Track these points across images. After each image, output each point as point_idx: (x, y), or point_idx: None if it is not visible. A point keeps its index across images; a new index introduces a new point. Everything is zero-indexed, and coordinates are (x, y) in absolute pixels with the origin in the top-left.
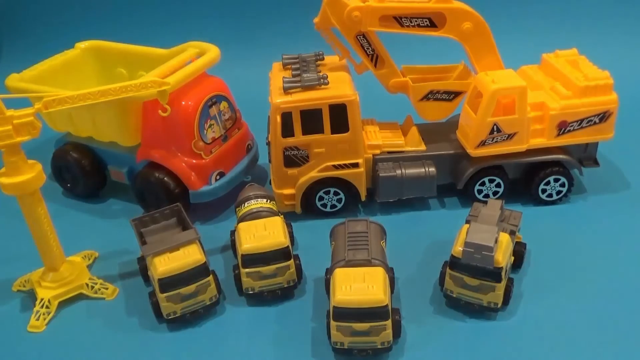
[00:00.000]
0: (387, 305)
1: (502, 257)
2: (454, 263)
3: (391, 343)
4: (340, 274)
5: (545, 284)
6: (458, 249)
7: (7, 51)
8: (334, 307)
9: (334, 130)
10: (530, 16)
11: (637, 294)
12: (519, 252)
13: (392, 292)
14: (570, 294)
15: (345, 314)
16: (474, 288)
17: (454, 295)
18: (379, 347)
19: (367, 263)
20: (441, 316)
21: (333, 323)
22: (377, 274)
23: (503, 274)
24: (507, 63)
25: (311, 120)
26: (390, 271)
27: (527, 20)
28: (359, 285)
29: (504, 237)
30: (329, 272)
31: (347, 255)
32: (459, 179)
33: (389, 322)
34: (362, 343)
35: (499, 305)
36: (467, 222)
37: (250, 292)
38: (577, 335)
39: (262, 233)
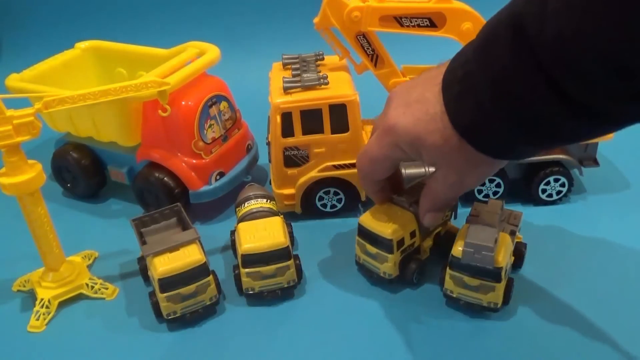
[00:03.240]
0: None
1: (502, 257)
2: (453, 263)
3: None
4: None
5: (545, 284)
6: (458, 248)
7: (7, 51)
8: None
9: (334, 130)
10: None
11: (637, 293)
12: (519, 252)
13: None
14: (571, 294)
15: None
16: (474, 288)
17: (454, 295)
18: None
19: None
20: (441, 316)
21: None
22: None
23: (503, 274)
24: None
25: (311, 120)
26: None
27: None
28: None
29: (504, 237)
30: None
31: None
32: None
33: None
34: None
35: (499, 305)
36: (467, 222)
37: (250, 292)
38: (577, 336)
39: (262, 233)
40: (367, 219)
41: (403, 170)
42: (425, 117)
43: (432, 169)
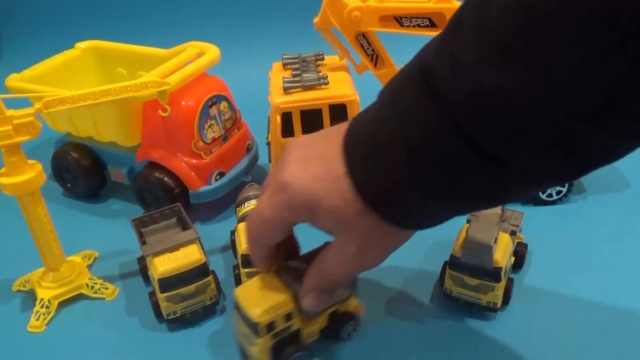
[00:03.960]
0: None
1: (502, 257)
2: (453, 262)
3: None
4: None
5: (546, 284)
6: (458, 248)
7: (7, 51)
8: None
9: None
10: None
11: (638, 293)
12: (520, 253)
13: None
14: (571, 294)
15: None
16: (474, 288)
17: (454, 295)
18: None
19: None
20: (441, 315)
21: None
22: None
23: (502, 274)
24: None
25: (311, 120)
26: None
27: None
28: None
29: (504, 237)
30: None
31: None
32: None
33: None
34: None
35: (499, 305)
36: (468, 221)
37: None
38: (577, 336)
39: None
40: (242, 292)
41: None
42: (326, 175)
43: None
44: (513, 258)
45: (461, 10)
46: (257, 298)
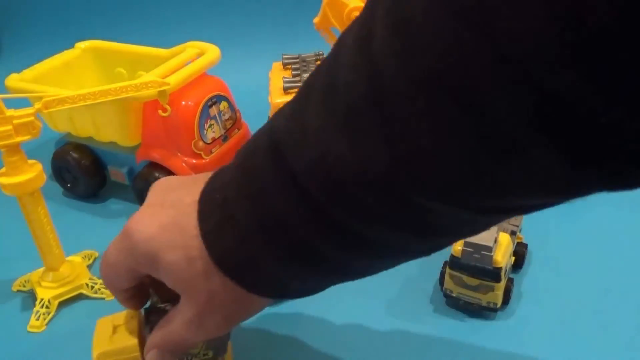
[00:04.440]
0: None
1: (502, 257)
2: (453, 262)
3: None
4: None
5: (546, 284)
6: (457, 248)
7: (7, 51)
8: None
9: None
10: None
11: (638, 293)
12: (520, 253)
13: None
14: (571, 294)
15: None
16: (474, 288)
17: (454, 295)
18: None
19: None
20: (441, 315)
21: None
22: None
23: (502, 274)
24: None
25: None
26: None
27: None
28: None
29: (504, 237)
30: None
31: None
32: None
33: None
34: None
35: (498, 305)
36: None
37: None
38: (577, 336)
39: None
40: (101, 325)
41: None
42: (172, 227)
43: None
44: (513, 258)
45: (315, 70)
46: (107, 336)
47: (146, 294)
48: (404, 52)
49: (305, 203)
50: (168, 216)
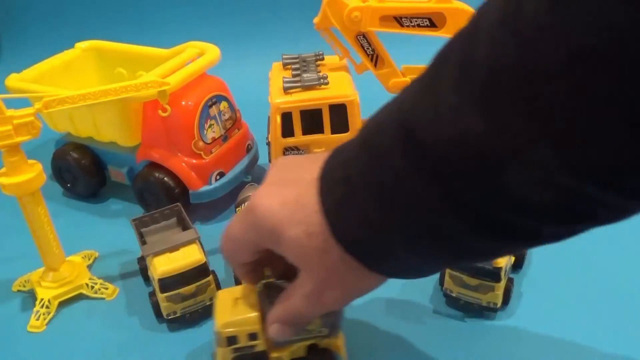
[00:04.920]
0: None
1: (502, 256)
2: None
3: None
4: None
5: (546, 284)
6: None
7: (7, 51)
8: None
9: (334, 130)
10: None
11: (637, 293)
12: (520, 253)
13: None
14: (571, 294)
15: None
16: (473, 287)
17: (454, 295)
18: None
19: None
20: (441, 315)
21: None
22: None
23: (502, 274)
24: None
25: (311, 120)
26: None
27: None
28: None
29: None
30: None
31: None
32: None
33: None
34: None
35: (498, 305)
36: None
37: None
38: (577, 336)
39: None
40: (222, 296)
41: None
42: (294, 204)
43: None
44: (513, 258)
45: (446, 48)
46: (229, 307)
47: (263, 270)
48: (563, 26)
49: (436, 183)
50: (289, 193)
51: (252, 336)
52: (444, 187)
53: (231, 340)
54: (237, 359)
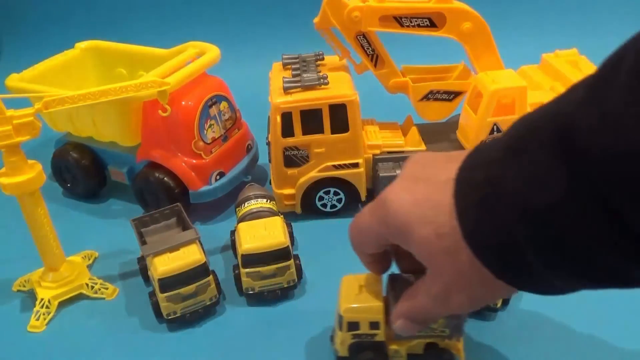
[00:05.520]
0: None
1: None
2: None
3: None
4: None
5: None
6: None
7: (7, 51)
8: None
9: (334, 130)
10: (530, 16)
11: (638, 293)
12: None
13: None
14: (571, 295)
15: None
16: None
17: None
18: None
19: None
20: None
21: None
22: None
23: None
24: (507, 63)
25: (311, 120)
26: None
27: (527, 20)
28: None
29: None
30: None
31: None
32: None
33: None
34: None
35: (499, 306)
36: None
37: (251, 292)
38: (577, 336)
39: (262, 233)
40: (347, 281)
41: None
42: (426, 202)
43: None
44: None
45: (615, 55)
46: (354, 293)
47: (389, 262)
48: None
49: (598, 203)
50: (422, 191)
51: (374, 325)
52: (609, 211)
53: (353, 326)
54: (355, 345)
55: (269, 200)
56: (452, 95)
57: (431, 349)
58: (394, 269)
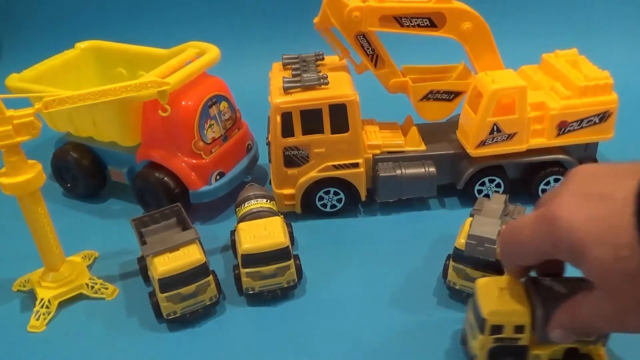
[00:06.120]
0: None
1: None
2: (456, 255)
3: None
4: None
5: None
6: (461, 241)
7: (7, 51)
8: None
9: (334, 130)
10: (530, 16)
11: None
12: None
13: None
14: None
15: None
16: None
17: (457, 287)
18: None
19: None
20: (444, 308)
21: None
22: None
23: None
24: (507, 63)
25: (311, 120)
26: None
27: (527, 20)
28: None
29: None
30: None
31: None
32: (459, 179)
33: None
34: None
35: None
36: (471, 215)
37: (251, 292)
38: None
39: (262, 233)
40: (483, 285)
41: (403, 170)
42: (602, 222)
43: (432, 169)
44: None
45: None
46: (495, 297)
47: (531, 269)
48: None
49: None
50: (597, 209)
51: (519, 329)
52: None
53: (496, 329)
54: (496, 349)
55: (269, 200)
56: (452, 95)
57: (571, 354)
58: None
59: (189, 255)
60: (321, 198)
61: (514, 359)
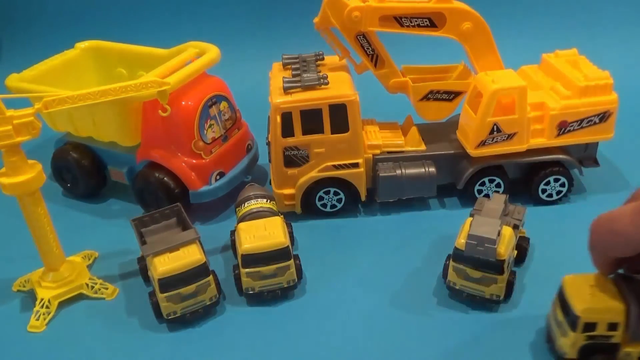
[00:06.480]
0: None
1: (505, 249)
2: (456, 255)
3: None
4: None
5: (547, 279)
6: (461, 241)
7: (7, 51)
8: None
9: (334, 130)
10: (530, 16)
11: None
12: (522, 247)
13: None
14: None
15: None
16: (477, 280)
17: (457, 287)
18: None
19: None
20: (444, 308)
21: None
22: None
23: (505, 266)
24: (507, 63)
25: (311, 120)
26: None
27: (527, 20)
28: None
29: (507, 231)
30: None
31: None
32: (459, 179)
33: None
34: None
35: (501, 298)
36: (471, 215)
37: (251, 292)
38: None
39: (262, 233)
40: (571, 282)
41: (403, 170)
42: None
43: (432, 169)
44: (515, 252)
45: None
46: (586, 294)
47: (621, 265)
48: None
49: None
50: None
51: (612, 326)
52: None
53: (589, 326)
54: (587, 346)
55: (269, 200)
56: (452, 95)
57: None
58: None
59: (189, 255)
60: (321, 198)
61: (604, 357)
